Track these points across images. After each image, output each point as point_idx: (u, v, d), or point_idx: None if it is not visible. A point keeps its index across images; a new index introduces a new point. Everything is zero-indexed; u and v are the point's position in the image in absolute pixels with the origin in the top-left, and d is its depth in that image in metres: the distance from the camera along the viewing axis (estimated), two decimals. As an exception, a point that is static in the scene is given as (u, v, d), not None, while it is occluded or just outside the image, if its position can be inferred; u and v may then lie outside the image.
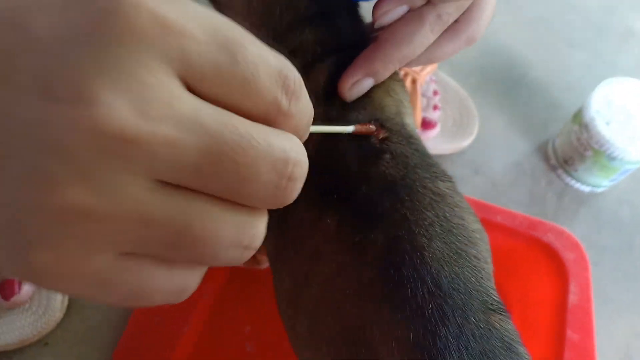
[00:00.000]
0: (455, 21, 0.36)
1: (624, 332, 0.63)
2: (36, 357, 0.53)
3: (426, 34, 0.34)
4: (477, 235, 0.32)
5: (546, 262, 0.52)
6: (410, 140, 0.34)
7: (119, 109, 0.15)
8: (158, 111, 0.15)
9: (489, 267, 0.32)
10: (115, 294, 0.18)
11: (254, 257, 0.53)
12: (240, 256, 0.19)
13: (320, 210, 0.32)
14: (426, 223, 0.30)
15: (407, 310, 0.27)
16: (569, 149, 0.70)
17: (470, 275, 0.29)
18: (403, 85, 0.39)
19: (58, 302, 0.54)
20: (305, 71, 0.36)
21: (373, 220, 0.30)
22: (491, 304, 0.29)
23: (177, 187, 0.17)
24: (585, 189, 0.72)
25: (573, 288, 0.50)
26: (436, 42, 0.36)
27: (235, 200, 0.18)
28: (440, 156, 0.71)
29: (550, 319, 0.50)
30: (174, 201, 0.17)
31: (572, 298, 0.49)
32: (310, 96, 0.35)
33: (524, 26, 0.91)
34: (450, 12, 0.34)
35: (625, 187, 0.74)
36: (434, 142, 0.69)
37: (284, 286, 0.34)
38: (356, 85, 0.34)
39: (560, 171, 0.73)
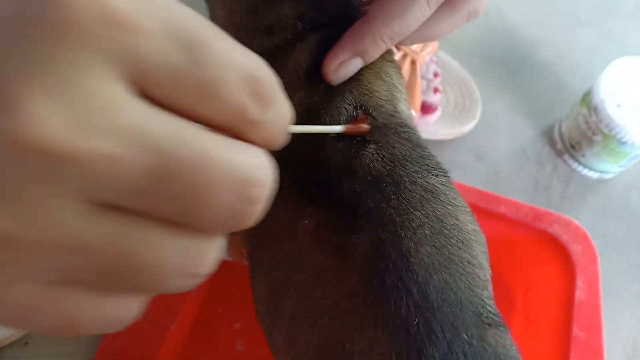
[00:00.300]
0: None
1: (631, 325, 0.60)
2: (16, 358, 0.51)
3: (422, 8, 0.30)
4: (472, 237, 0.29)
5: (552, 255, 0.49)
6: (400, 129, 0.30)
7: (49, 120, 0.12)
8: (96, 123, 0.13)
9: (485, 273, 0.29)
10: (44, 325, 0.16)
11: (242, 252, 0.51)
12: (185, 285, 0.16)
13: (298, 209, 0.29)
14: (414, 225, 0.27)
15: (390, 324, 0.24)
16: (577, 133, 0.66)
17: (462, 284, 0.26)
18: (397, 67, 0.35)
19: (38, 300, 0.51)
20: (284, 50, 0.32)
21: (355, 221, 0.27)
22: (486, 317, 0.26)
23: (117, 209, 0.14)
24: (593, 175, 0.69)
25: (580, 283, 0.47)
26: (433, 17, 0.32)
27: (185, 224, 0.15)
28: (441, 142, 0.68)
29: (555, 315, 0.48)
30: (112, 226, 0.14)
31: (579, 293, 0.46)
32: (290, 79, 0.32)
33: (529, 4, 0.87)
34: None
35: (634, 173, 0.71)
36: (434, 127, 0.65)
37: (261, 291, 0.31)
38: (343, 66, 0.30)
39: (566, 156, 0.69)
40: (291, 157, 0.29)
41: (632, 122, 0.60)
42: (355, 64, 0.31)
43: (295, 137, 0.30)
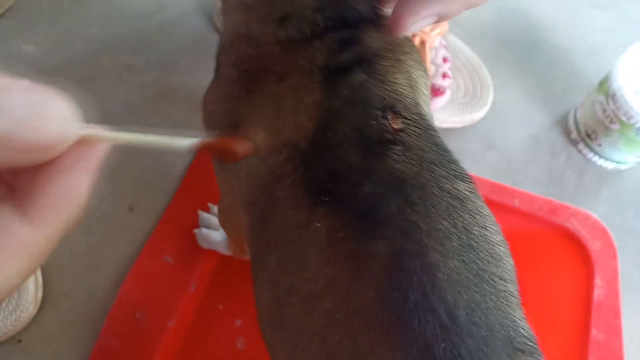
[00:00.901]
0: None
1: (649, 322, 0.58)
2: (9, 356, 0.49)
3: None
4: (502, 250, 0.26)
5: (569, 250, 0.47)
6: (428, 132, 0.28)
7: None
8: None
9: (516, 289, 0.26)
10: None
11: (242, 247, 0.48)
12: None
13: (310, 211, 0.26)
14: (441, 235, 0.24)
15: (412, 349, 0.22)
16: (593, 122, 0.63)
17: (493, 305, 0.24)
18: (419, 60, 0.32)
19: (31, 296, 0.50)
20: (298, 45, 0.29)
21: (374, 227, 0.24)
22: (519, 342, 0.24)
23: None
24: (609, 165, 0.66)
25: (599, 281, 0.44)
26: None
27: None
28: (450, 130, 0.65)
29: (572, 314, 0.45)
30: None
31: (598, 292, 0.44)
32: (303, 78, 0.29)
33: (543, -15, 0.84)
34: None
35: (652, 162, 0.68)
36: (444, 115, 0.62)
37: (264, 298, 0.29)
38: (421, 21, 0.28)
39: (581, 146, 0.66)
40: (305, 156, 0.27)
41: (653, 110, 0.57)
42: (432, 20, 0.28)
43: (312, 140, 0.28)
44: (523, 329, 0.25)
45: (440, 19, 0.28)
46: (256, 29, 0.31)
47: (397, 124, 0.27)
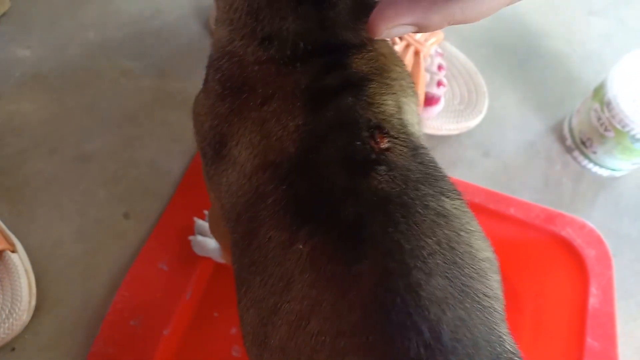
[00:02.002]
0: None
1: (645, 329, 0.58)
2: (2, 363, 0.49)
3: None
4: (487, 265, 0.26)
5: (564, 259, 0.47)
6: (417, 151, 0.28)
7: None
8: None
9: (501, 305, 0.26)
10: None
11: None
12: None
13: (292, 231, 0.26)
14: (425, 253, 0.24)
15: None
16: (588, 129, 0.64)
17: (478, 321, 0.24)
18: (405, 72, 0.32)
19: (25, 303, 0.49)
20: (281, 68, 0.29)
21: (358, 247, 0.24)
22: (505, 357, 0.24)
23: None
24: (604, 172, 0.66)
25: (594, 290, 0.44)
26: None
27: None
28: (446, 137, 0.65)
29: (567, 322, 0.45)
30: None
31: (593, 301, 0.44)
32: (287, 102, 0.28)
33: (539, -8, 0.84)
34: None
35: (647, 170, 0.68)
36: (439, 122, 0.63)
37: (248, 317, 0.29)
38: (398, 28, 0.26)
39: (577, 153, 0.66)
40: (289, 174, 0.27)
41: (648, 117, 0.57)
42: (410, 29, 0.27)
43: (294, 149, 0.28)
44: (509, 344, 0.25)
45: (419, 29, 0.27)
46: (240, 47, 0.30)
47: (384, 144, 0.27)
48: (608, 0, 0.84)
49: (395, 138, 0.27)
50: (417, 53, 0.61)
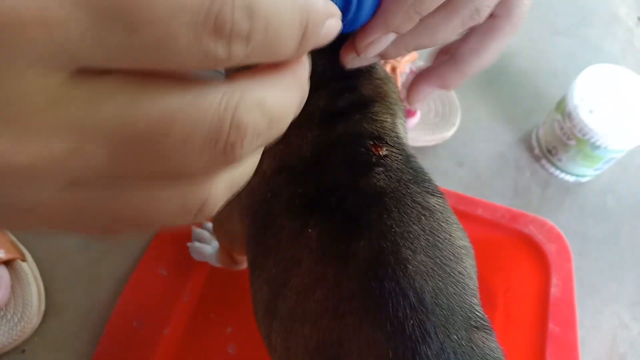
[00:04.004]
0: (491, 15, 0.32)
1: (610, 322, 0.62)
2: (13, 365, 0.53)
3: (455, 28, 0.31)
4: (463, 252, 0.31)
5: (528, 254, 0.52)
6: (409, 159, 0.33)
7: None
8: (38, 125, 0.13)
9: (474, 283, 0.31)
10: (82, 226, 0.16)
11: (232, 257, 0.53)
12: (192, 220, 0.18)
13: (303, 219, 0.31)
14: (412, 236, 0.29)
15: (387, 325, 0.27)
16: (553, 139, 0.69)
17: (453, 291, 0.28)
18: (397, 93, 0.38)
19: (34, 308, 0.53)
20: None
21: (358, 230, 0.29)
22: (474, 321, 0.28)
23: (104, 178, 0.15)
24: (570, 179, 0.71)
25: (555, 280, 0.49)
26: (431, 20, 0.31)
27: (171, 177, 0.16)
28: (423, 148, 0.70)
29: (532, 312, 0.50)
30: (103, 193, 0.15)
31: (554, 290, 0.49)
32: (306, 120, 0.34)
33: (508, 14, 0.90)
34: (489, 5, 0.31)
35: (610, 176, 0.73)
36: (416, 134, 0.68)
37: (262, 295, 0.34)
38: (374, 43, 0.31)
39: (544, 161, 0.72)
40: (301, 175, 0.33)
41: (605, 126, 0.63)
42: (387, 39, 0.31)
43: (309, 154, 0.33)
44: (478, 312, 0.29)
45: (386, 57, 0.33)
46: None
47: (383, 151, 0.32)
48: (571, 21, 0.91)
49: (392, 147, 0.33)
50: (393, 70, 0.67)
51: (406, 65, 0.68)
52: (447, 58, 0.34)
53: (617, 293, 0.65)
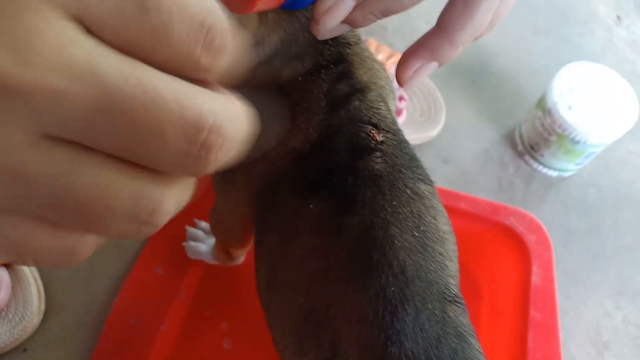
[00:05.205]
0: None
1: (593, 311, 0.64)
2: (15, 364, 0.54)
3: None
4: (446, 236, 0.34)
5: (510, 245, 0.54)
6: (402, 144, 0.36)
7: None
8: (43, 58, 0.13)
9: (454, 266, 0.34)
10: None
11: (228, 253, 0.54)
12: (135, 232, 0.17)
13: (305, 197, 0.34)
14: (400, 217, 0.32)
15: (370, 290, 0.29)
16: (534, 135, 0.71)
17: (432, 268, 0.31)
18: (390, 85, 0.41)
19: (35, 308, 0.55)
20: (311, 76, 0.37)
21: (353, 207, 0.32)
22: (449, 296, 0.31)
23: (66, 143, 0.15)
24: (553, 173, 0.73)
25: (536, 269, 0.51)
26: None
27: (136, 163, 0.16)
28: (410, 147, 0.72)
29: (515, 300, 0.52)
30: (58, 158, 0.15)
31: (535, 279, 0.51)
32: (313, 103, 0.36)
33: (491, 15, 0.92)
34: None
35: (591, 170, 0.76)
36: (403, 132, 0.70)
37: (264, 269, 0.36)
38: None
39: (527, 157, 0.74)
40: (306, 160, 0.35)
41: (583, 122, 0.65)
42: (346, 4, 0.30)
43: (313, 145, 0.35)
44: (452, 289, 0.32)
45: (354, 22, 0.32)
46: (279, 65, 0.37)
47: (379, 137, 0.35)
48: (552, 20, 0.93)
49: (388, 132, 0.35)
50: (380, 72, 0.69)
51: (392, 66, 0.70)
52: (435, 29, 0.32)
53: (599, 283, 0.67)
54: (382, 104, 0.37)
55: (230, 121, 0.16)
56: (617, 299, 0.66)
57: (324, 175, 0.34)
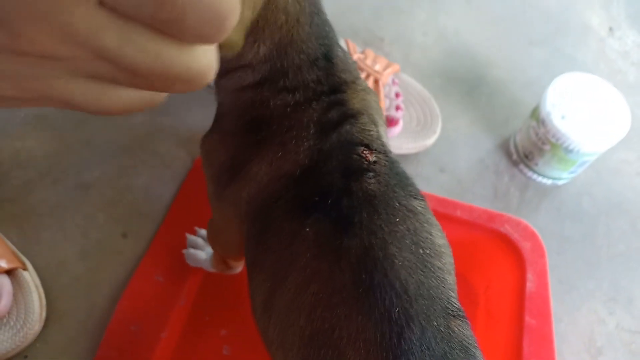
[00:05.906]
0: None
1: (587, 318, 0.65)
2: (16, 370, 0.55)
3: None
4: (443, 250, 0.35)
5: (505, 252, 0.55)
6: (393, 165, 0.37)
7: None
8: None
9: (452, 278, 0.35)
10: (82, 105, 0.19)
11: (226, 263, 0.55)
12: (185, 86, 0.20)
13: (301, 220, 0.34)
14: (398, 235, 0.32)
15: (375, 313, 0.30)
16: (529, 144, 0.73)
17: (434, 284, 0.32)
18: (378, 106, 0.42)
19: (36, 315, 0.55)
20: (301, 107, 0.38)
21: (350, 228, 0.32)
22: (452, 310, 0.32)
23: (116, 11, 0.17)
24: (547, 182, 0.75)
25: (530, 276, 0.52)
26: None
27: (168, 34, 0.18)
28: (406, 155, 0.73)
29: (510, 306, 0.53)
30: (118, 27, 0.17)
31: (530, 285, 0.52)
32: (302, 131, 0.37)
33: (485, 26, 0.94)
34: None
35: (585, 179, 0.77)
36: (399, 142, 0.71)
37: (261, 293, 0.36)
38: None
39: (522, 166, 0.75)
40: (299, 183, 0.36)
41: (577, 131, 0.66)
42: None
43: (303, 170, 0.36)
44: (454, 303, 0.33)
45: None
46: (269, 96, 0.38)
47: (372, 157, 0.36)
48: (545, 32, 0.95)
49: (380, 153, 0.36)
50: (376, 82, 0.70)
51: (389, 77, 0.72)
52: None
53: (593, 290, 0.68)
54: (372, 126, 0.38)
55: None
56: (610, 305, 0.67)
57: (319, 198, 0.34)
